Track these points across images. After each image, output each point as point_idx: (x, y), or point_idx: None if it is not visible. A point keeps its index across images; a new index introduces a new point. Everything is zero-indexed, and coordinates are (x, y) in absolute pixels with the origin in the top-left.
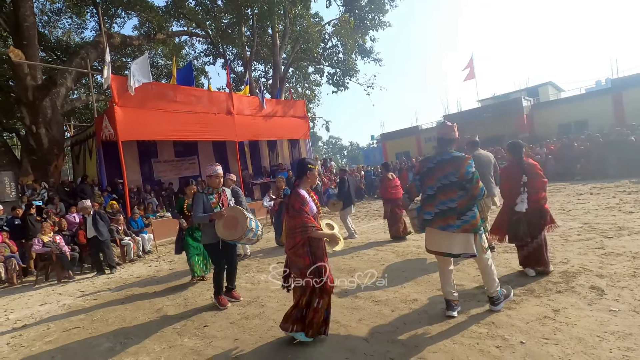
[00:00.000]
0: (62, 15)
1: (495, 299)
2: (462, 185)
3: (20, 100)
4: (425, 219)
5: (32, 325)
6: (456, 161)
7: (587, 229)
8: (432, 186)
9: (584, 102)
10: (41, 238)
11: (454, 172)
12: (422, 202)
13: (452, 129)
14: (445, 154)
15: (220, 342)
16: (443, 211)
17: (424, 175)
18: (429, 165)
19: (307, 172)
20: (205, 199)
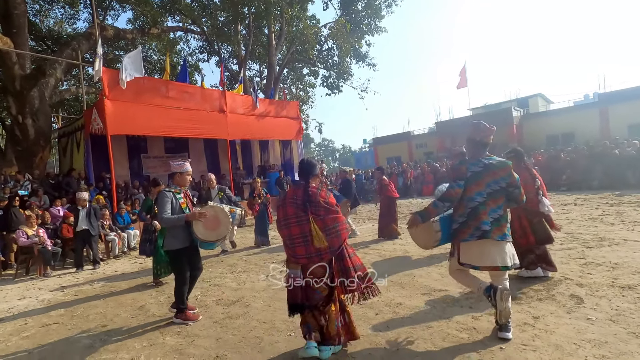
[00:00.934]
0: (55, 4)
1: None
2: (509, 192)
3: (7, 90)
4: (485, 229)
5: (9, 319)
6: (506, 166)
7: (570, 239)
8: (481, 192)
9: (571, 115)
10: (25, 231)
11: (505, 177)
12: (472, 211)
13: (492, 132)
14: (489, 157)
15: (202, 341)
16: (496, 219)
17: (469, 180)
18: (475, 169)
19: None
20: (173, 199)
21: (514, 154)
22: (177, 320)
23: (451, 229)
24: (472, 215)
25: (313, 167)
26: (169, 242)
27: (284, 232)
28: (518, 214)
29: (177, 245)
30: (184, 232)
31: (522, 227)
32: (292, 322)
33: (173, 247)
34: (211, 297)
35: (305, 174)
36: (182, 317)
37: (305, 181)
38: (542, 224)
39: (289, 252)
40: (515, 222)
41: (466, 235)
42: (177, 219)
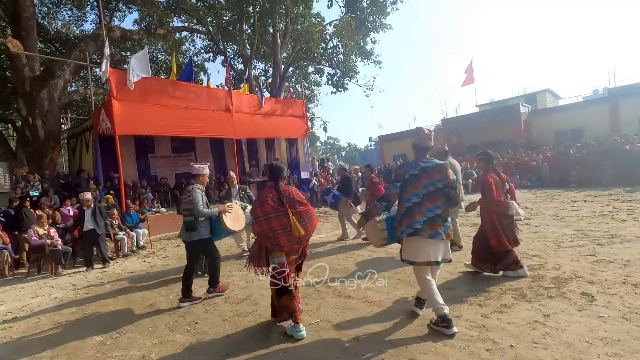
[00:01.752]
0: (62, 6)
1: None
2: (445, 193)
3: (17, 91)
4: (416, 227)
5: (23, 318)
6: (442, 168)
7: (580, 236)
8: (417, 193)
9: (581, 110)
10: (37, 230)
11: (441, 179)
12: (407, 210)
13: (430, 137)
14: (427, 160)
15: (211, 339)
16: (430, 219)
17: (406, 182)
18: (413, 172)
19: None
20: (203, 195)
21: (483, 156)
22: (210, 294)
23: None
24: (407, 214)
25: (281, 170)
26: (200, 232)
27: (264, 227)
28: (491, 217)
29: (206, 235)
30: (205, 226)
31: (495, 229)
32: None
33: (203, 237)
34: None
35: (275, 177)
36: (217, 289)
37: (275, 182)
38: (511, 227)
39: (272, 243)
40: (487, 224)
41: (398, 232)
42: (212, 212)
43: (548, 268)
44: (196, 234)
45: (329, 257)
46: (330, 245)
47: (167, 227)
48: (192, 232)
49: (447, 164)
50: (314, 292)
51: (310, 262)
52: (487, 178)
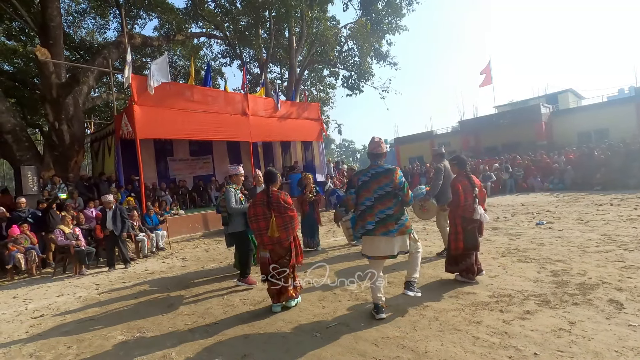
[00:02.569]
0: (87, 15)
1: (411, 284)
2: (396, 194)
3: (45, 98)
4: (368, 228)
5: (50, 315)
6: (389, 173)
7: (607, 241)
8: (369, 197)
9: (605, 111)
10: (62, 229)
11: (389, 183)
12: (361, 213)
13: (380, 144)
14: (378, 167)
15: (230, 339)
16: (382, 219)
17: (360, 188)
18: (364, 178)
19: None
20: (235, 193)
21: (456, 161)
22: (240, 283)
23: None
24: (361, 216)
25: (273, 175)
26: (233, 226)
27: (254, 226)
28: (455, 221)
29: (239, 228)
30: (243, 220)
31: (456, 232)
32: (318, 322)
33: (237, 230)
34: (237, 296)
35: (267, 181)
36: (245, 281)
37: (267, 187)
38: (473, 232)
39: (258, 240)
40: (451, 227)
41: (355, 231)
42: (242, 208)
43: (573, 274)
44: (231, 227)
45: (338, 263)
46: (345, 248)
47: (186, 228)
48: (228, 225)
49: (395, 169)
50: (331, 295)
51: (333, 266)
52: (456, 183)
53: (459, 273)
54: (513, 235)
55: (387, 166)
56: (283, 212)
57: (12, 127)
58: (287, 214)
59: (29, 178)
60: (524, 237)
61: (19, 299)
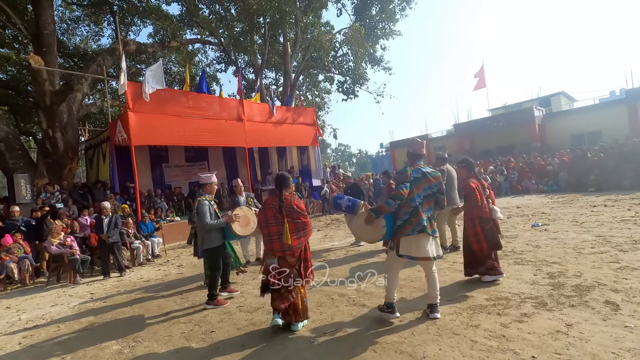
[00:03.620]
0: (81, 23)
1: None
2: (436, 197)
3: (38, 105)
4: (424, 225)
5: (43, 325)
6: (437, 175)
7: (602, 242)
8: (419, 194)
9: (597, 113)
10: (51, 241)
11: (437, 184)
12: (414, 209)
13: (423, 146)
14: (425, 167)
15: (227, 347)
16: (429, 218)
17: (412, 183)
18: (416, 174)
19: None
20: (210, 206)
21: (465, 164)
22: (208, 306)
23: (394, 225)
24: (414, 213)
25: (286, 180)
26: (208, 242)
27: (264, 231)
28: (473, 222)
29: (215, 244)
30: (219, 233)
31: (476, 233)
32: (316, 329)
33: (212, 246)
34: (234, 304)
35: (280, 186)
36: (214, 303)
37: (279, 191)
38: (492, 230)
39: (267, 247)
40: (469, 229)
41: (408, 230)
42: (217, 224)
43: (569, 275)
44: (207, 242)
45: (343, 266)
46: (343, 252)
47: (182, 235)
48: (204, 241)
49: (439, 173)
50: (328, 300)
51: (334, 269)
52: (469, 184)
53: (486, 273)
54: (509, 237)
55: (431, 168)
56: (296, 218)
57: (5, 135)
58: (299, 220)
59: (22, 186)
60: (519, 240)
61: (11, 310)
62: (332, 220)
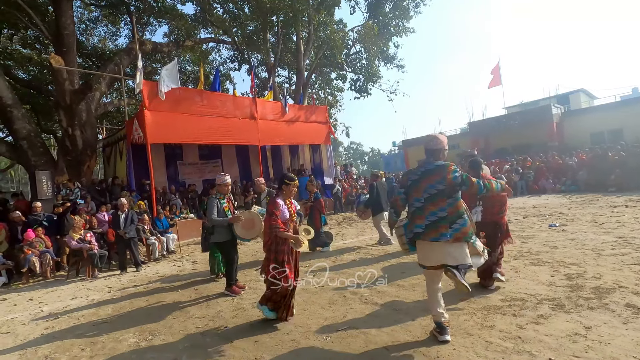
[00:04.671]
0: (99, 23)
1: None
2: (451, 193)
3: (59, 104)
4: (416, 232)
5: (64, 317)
6: (440, 169)
7: (622, 244)
8: (419, 198)
9: (618, 110)
10: (72, 235)
11: (440, 180)
12: (411, 215)
13: (436, 139)
14: (428, 164)
15: (241, 343)
16: (434, 222)
17: (409, 188)
18: (413, 177)
19: (283, 186)
20: (218, 204)
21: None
22: (226, 292)
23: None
24: (411, 219)
25: (280, 182)
26: (216, 237)
27: None
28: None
29: (221, 239)
30: (226, 230)
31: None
32: (328, 326)
33: (219, 240)
34: (247, 300)
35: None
36: (230, 290)
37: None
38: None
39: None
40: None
41: (409, 238)
42: (221, 221)
43: (587, 277)
44: (216, 236)
45: (355, 266)
46: (354, 253)
47: (195, 232)
48: (213, 235)
49: (448, 164)
50: (341, 298)
51: (344, 270)
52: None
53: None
54: (525, 238)
55: (438, 162)
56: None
57: (27, 133)
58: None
59: (43, 183)
60: (536, 240)
61: (34, 302)
62: (344, 218)
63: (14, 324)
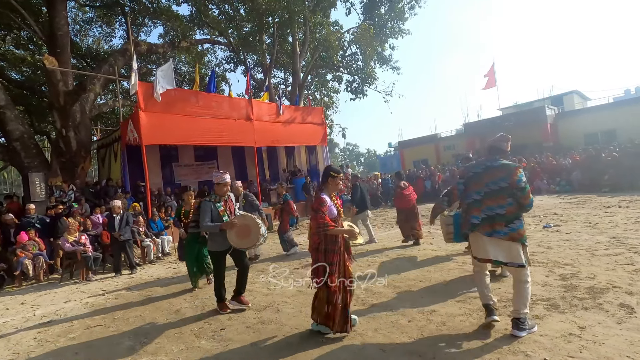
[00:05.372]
0: (93, 24)
1: (521, 322)
2: (512, 193)
3: (52, 105)
4: (473, 222)
5: (57, 321)
6: (508, 168)
7: (616, 244)
8: (478, 191)
9: (612, 111)
10: (67, 237)
11: (505, 178)
12: (467, 206)
13: (508, 141)
14: (494, 161)
15: (236, 345)
16: (490, 217)
17: (469, 179)
18: (477, 170)
19: (329, 179)
20: (213, 208)
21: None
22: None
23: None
24: (467, 210)
25: (325, 176)
26: (211, 244)
27: None
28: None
29: (217, 248)
30: (222, 237)
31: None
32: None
33: (213, 249)
34: None
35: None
36: (218, 307)
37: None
38: None
39: None
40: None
41: (464, 229)
42: (214, 227)
43: (582, 277)
44: (210, 245)
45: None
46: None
47: None
48: (208, 243)
49: (516, 165)
50: None
51: None
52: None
53: None
54: None
55: (506, 162)
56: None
57: (21, 135)
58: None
59: (36, 185)
60: (530, 241)
61: (27, 305)
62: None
63: (6, 328)
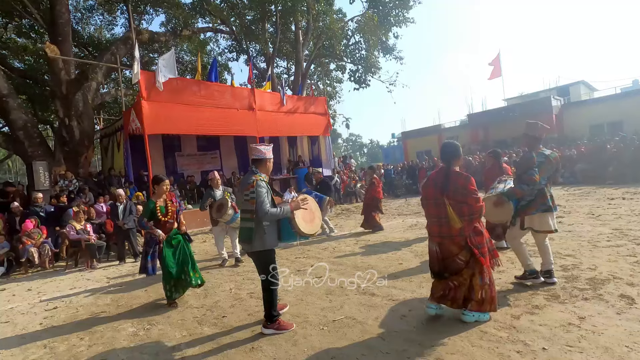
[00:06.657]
0: (95, 12)
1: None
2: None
3: (55, 94)
4: (549, 205)
5: (63, 308)
6: (556, 156)
7: (618, 235)
8: (544, 177)
9: (619, 103)
10: (74, 225)
11: (556, 164)
12: (539, 191)
13: (544, 129)
14: (544, 150)
15: (238, 332)
16: (552, 196)
17: (539, 166)
18: (541, 159)
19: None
20: (268, 190)
21: (493, 154)
22: (267, 331)
23: (518, 205)
24: (539, 195)
25: (454, 150)
26: (262, 241)
27: (424, 210)
28: None
29: (270, 245)
30: (276, 227)
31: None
32: (325, 316)
33: (272, 246)
34: (245, 290)
35: (447, 157)
36: (275, 327)
37: (447, 164)
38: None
39: (427, 229)
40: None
41: (533, 210)
42: (283, 212)
43: (583, 268)
44: (259, 243)
45: (353, 256)
46: (352, 239)
47: (194, 223)
48: (259, 240)
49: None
50: (338, 288)
51: (342, 261)
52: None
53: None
54: None
55: (548, 151)
56: (461, 200)
57: (24, 124)
58: (465, 203)
59: (40, 174)
60: None
61: (32, 292)
62: (342, 210)
63: (13, 314)
